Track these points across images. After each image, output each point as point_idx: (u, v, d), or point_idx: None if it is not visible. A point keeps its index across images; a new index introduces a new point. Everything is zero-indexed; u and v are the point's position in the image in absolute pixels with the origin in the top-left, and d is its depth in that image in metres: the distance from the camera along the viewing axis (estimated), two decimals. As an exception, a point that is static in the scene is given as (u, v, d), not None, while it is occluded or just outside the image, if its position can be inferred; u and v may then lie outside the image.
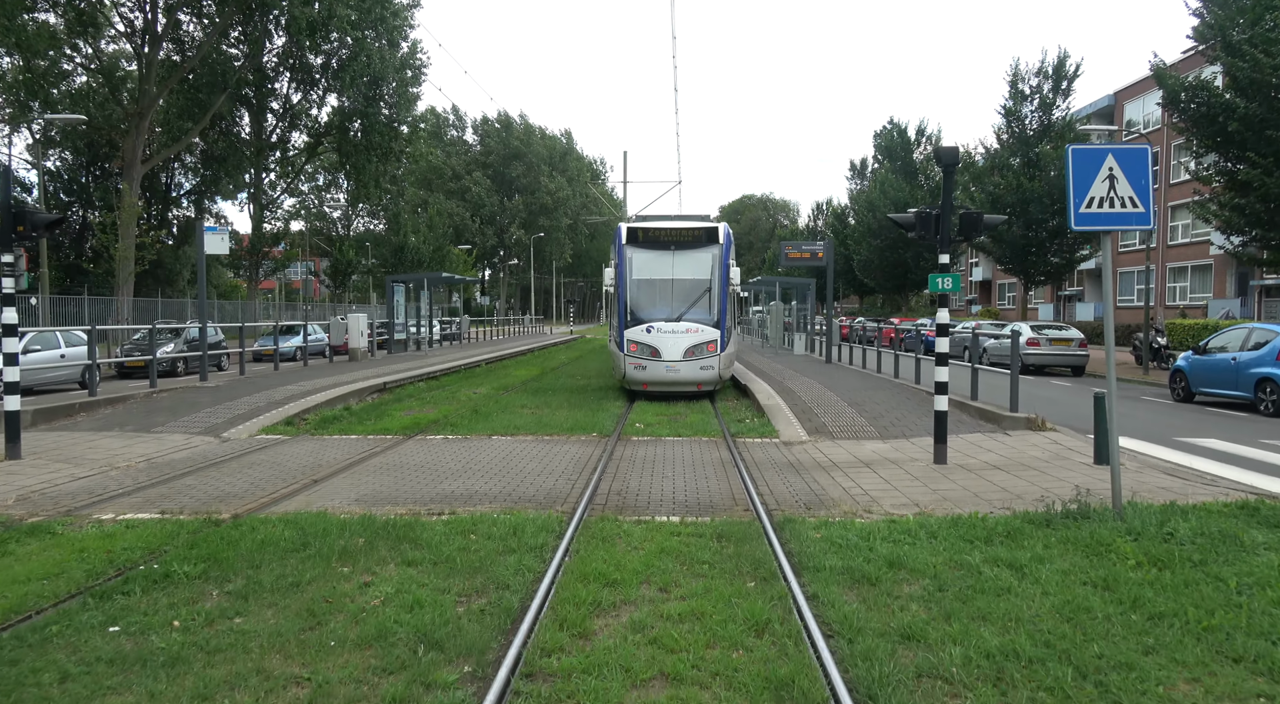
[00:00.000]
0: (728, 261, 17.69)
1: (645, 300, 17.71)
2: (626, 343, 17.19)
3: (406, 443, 11.71)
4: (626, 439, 12.12)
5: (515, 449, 11.14)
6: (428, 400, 17.06)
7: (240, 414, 13.59)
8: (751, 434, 12.49)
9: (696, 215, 19.09)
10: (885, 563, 5.76)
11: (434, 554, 6.12)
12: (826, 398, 15.57)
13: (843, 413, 13.85)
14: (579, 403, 16.67)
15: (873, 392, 16.46)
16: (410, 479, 9.09)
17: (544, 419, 14.06)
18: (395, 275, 30.13)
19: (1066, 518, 6.73)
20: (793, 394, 16.13)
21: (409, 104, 53.97)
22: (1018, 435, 11.58)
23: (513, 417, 14.35)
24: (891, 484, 8.77)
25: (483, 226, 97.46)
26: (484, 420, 13.86)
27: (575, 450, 11.10)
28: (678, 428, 13.18)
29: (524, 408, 15.79)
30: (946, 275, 9.67)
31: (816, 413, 13.87)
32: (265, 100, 49.35)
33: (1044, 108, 33.72)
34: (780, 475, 9.40)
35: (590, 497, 8.14)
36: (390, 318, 28.01)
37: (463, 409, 15.41)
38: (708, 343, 17.10)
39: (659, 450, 11.12)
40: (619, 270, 17.65)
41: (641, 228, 17.89)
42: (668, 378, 16.98)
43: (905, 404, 14.77)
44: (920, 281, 51.59)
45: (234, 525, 6.88)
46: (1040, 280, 35.30)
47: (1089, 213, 6.87)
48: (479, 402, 16.78)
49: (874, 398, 15.50)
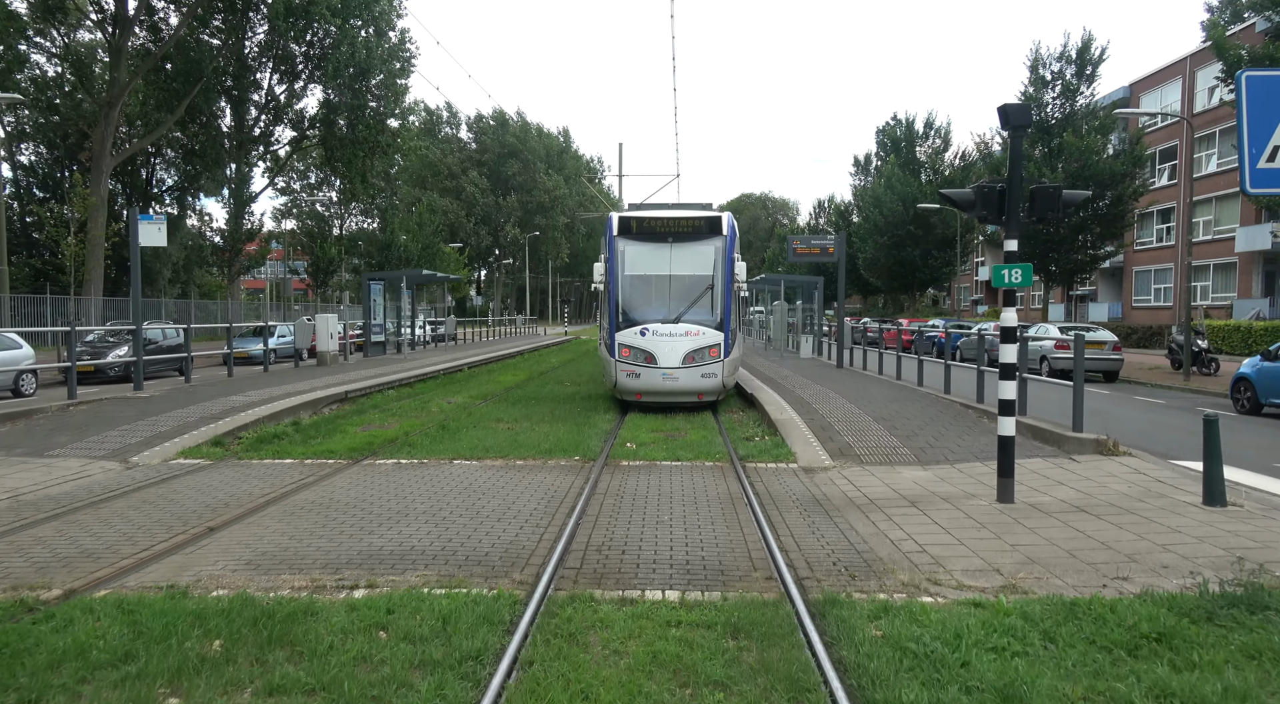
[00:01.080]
0: (732, 255, 15.70)
1: (639, 299, 15.72)
2: (618, 347, 15.20)
3: (348, 470, 9.71)
4: (615, 464, 10.13)
5: (478, 480, 9.14)
6: (392, 412, 15.05)
7: (163, 432, 11.57)
8: (763, 457, 10.50)
9: (697, 204, 17.09)
10: (998, 699, 3.77)
11: (315, 673, 4.12)
12: (846, 411, 13.58)
13: (868, 430, 11.85)
14: (564, 415, 14.67)
15: (899, 404, 14.47)
16: (332, 527, 7.09)
17: (520, 437, 12.07)
18: (373, 273, 28.02)
19: (1232, 606, 4.73)
20: (806, 406, 14.14)
21: (398, 96, 51.93)
22: (1087, 462, 9.59)
23: (485, 434, 12.35)
24: (953, 534, 6.78)
25: (478, 226, 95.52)
26: (450, 439, 11.86)
27: (551, 481, 9.10)
28: (676, 448, 11.19)
29: (500, 422, 13.79)
30: (1015, 267, 7.68)
31: (838, 430, 11.88)
32: (246, 92, 47.23)
33: (1067, 94, 31.67)
34: (806, 519, 7.41)
35: (560, 557, 6.15)
36: (367, 318, 25.98)
37: (429, 424, 13.41)
38: (710, 347, 15.11)
39: (653, 481, 9.12)
40: (609, 265, 15.66)
41: (635, 217, 15.89)
42: (664, 387, 14.99)
43: (939, 419, 12.77)
44: (928, 280, 49.70)
45: (46, 616, 4.87)
46: (1062, 279, 33.28)
47: (1271, 169, 4.85)
48: (451, 414, 14.77)
49: (902, 411, 13.51)
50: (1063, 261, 31.67)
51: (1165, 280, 45.35)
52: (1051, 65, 32.13)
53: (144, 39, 41.43)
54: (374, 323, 26.37)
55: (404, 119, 52.96)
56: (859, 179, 62.01)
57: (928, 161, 47.77)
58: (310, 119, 52.17)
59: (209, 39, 44.13)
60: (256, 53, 48.36)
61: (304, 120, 52.23)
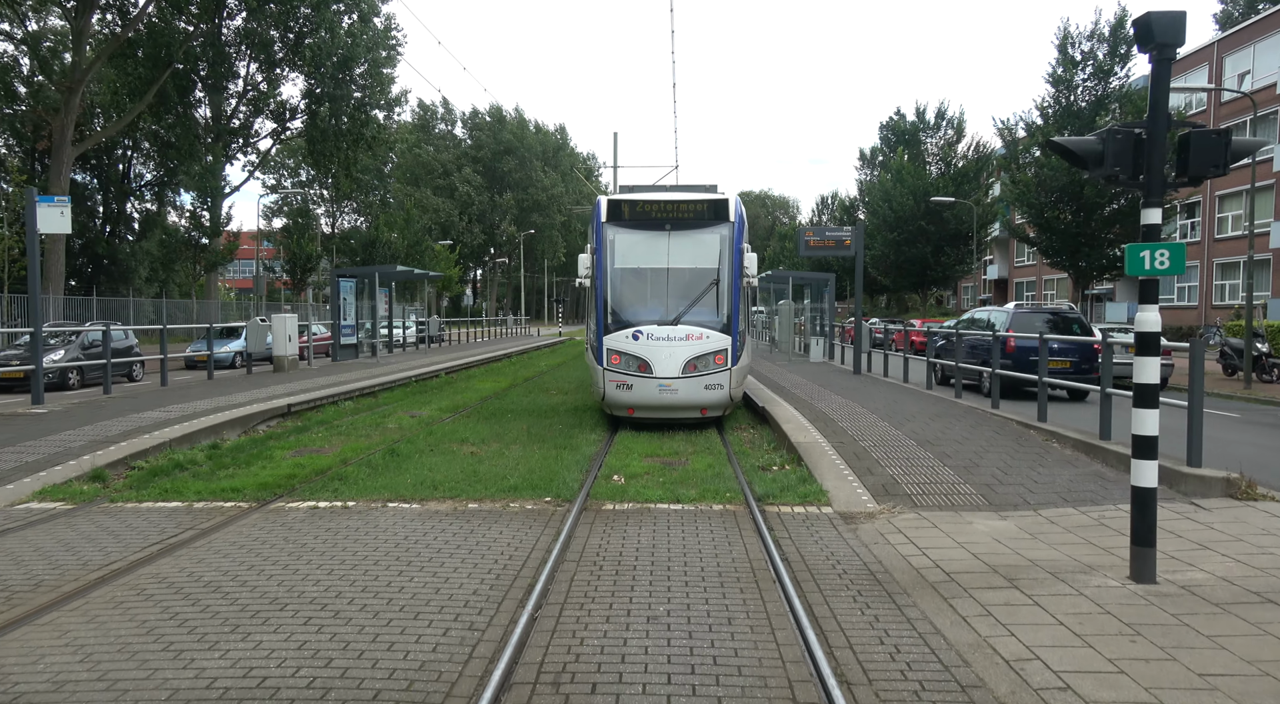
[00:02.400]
0: (741, 245, 13.39)
1: (632, 296, 13.42)
2: (606, 353, 12.88)
3: (244, 520, 7.39)
4: (596, 508, 7.83)
5: (410, 537, 6.82)
6: (339, 431, 12.72)
7: (31, 462, 9.24)
8: (787, 496, 8.20)
9: (700, 185, 14.77)
10: None
11: None
12: (880, 431, 11.28)
13: (914, 458, 9.54)
14: (543, 433, 12.37)
15: (942, 421, 12.17)
16: (164, 630, 4.77)
17: (483, 466, 9.76)
18: (342, 270, 25.68)
19: None
20: (830, 424, 11.83)
21: (383, 86, 49.59)
22: (1222, 510, 7.27)
23: (441, 461, 10.03)
24: (1090, 643, 4.49)
25: (472, 224, 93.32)
26: (395, 469, 9.54)
27: (509, 538, 6.79)
28: (675, 483, 8.89)
29: (464, 444, 11.48)
30: (1161, 246, 5.38)
31: (876, 457, 9.57)
32: (222, 81, 44.76)
33: (1099, 75, 29.28)
34: (864, 611, 5.11)
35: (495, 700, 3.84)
36: (336, 319, 23.61)
37: (377, 447, 11.08)
38: (715, 353, 12.79)
39: (644, 537, 6.82)
40: (597, 257, 13.35)
41: (627, 200, 13.56)
42: (661, 401, 12.67)
43: (998, 443, 10.46)
44: (939, 278, 47.36)
45: None
46: (1093, 276, 30.93)
47: None
48: (408, 433, 12.46)
49: (948, 432, 11.20)
50: (1095, 257, 29.31)
51: (1189, 278, 43.04)
52: (1081, 44, 29.77)
53: (111, 23, 39.05)
54: (344, 324, 24.02)
55: (390, 110, 50.51)
56: (864, 173, 59.68)
57: (939, 153, 45.35)
58: (291, 110, 49.85)
59: (183, 25, 41.68)
60: (234, 39, 45.98)
61: (285, 111, 49.91)
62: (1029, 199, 29.77)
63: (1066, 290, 57.95)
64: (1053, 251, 30.32)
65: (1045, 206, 29.16)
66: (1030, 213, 30.33)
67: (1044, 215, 29.27)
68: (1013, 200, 31.82)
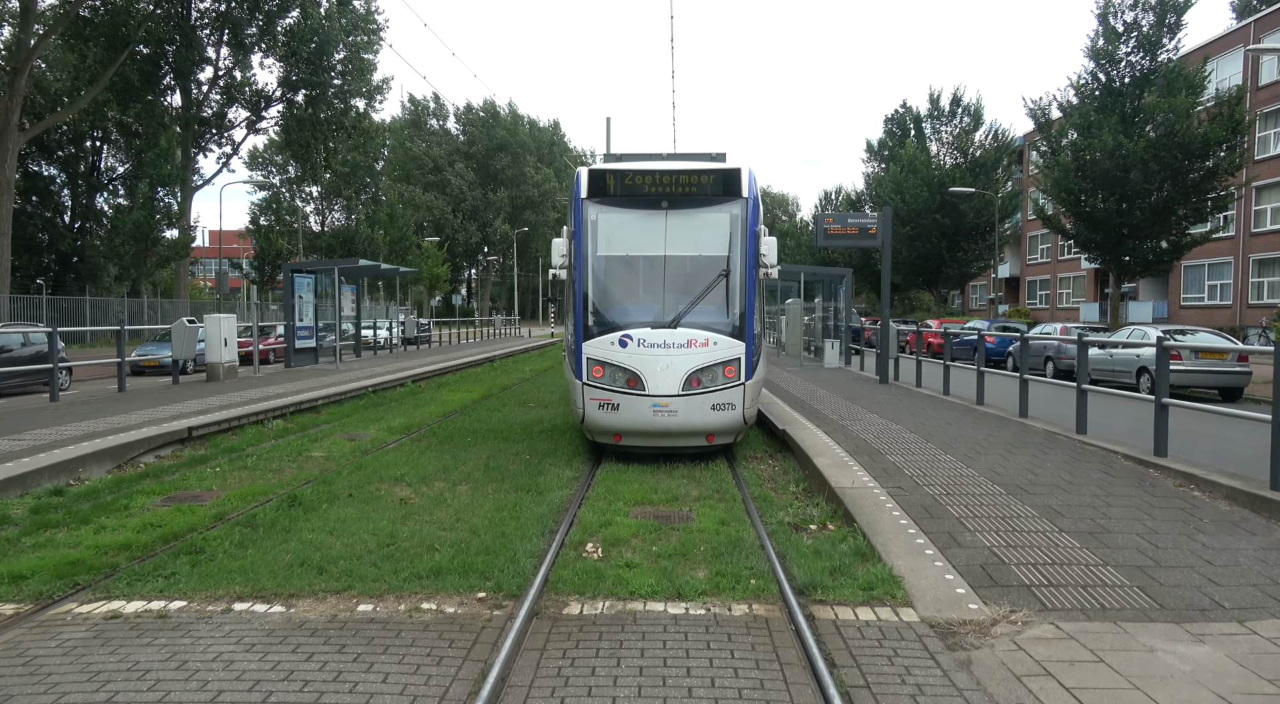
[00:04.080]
0: (755, 228, 10.63)
1: (620, 292, 10.69)
2: (586, 364, 10.13)
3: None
4: (556, 610, 5.12)
5: (229, 690, 4.07)
6: (244, 464, 9.94)
7: None
8: (844, 588, 5.46)
9: (704, 154, 12.01)
10: None
11: None
12: (945, 468, 8.55)
13: (1012, 515, 6.80)
14: (504, 465, 9.65)
15: (1020, 454, 9.44)
16: None
17: (408, 524, 7.03)
18: (297, 264, 22.90)
19: None
20: (876, 456, 9.10)
21: (363, 73, 46.77)
22: None
23: (351, 517, 7.29)
24: None
25: (465, 221, 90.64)
26: (282, 532, 6.79)
27: (393, 693, 4.04)
28: (675, 558, 6.16)
29: (399, 484, 8.74)
30: None
31: (955, 513, 6.82)
32: (186, 66, 41.81)
33: (1146, 48, 26.42)
34: None
35: None
36: (290, 320, 20.82)
37: (278, 490, 8.33)
38: (725, 364, 10.05)
39: (625, 684, 4.08)
40: (576, 242, 10.60)
41: (615, 171, 10.78)
42: (656, 426, 9.92)
43: (1115, 491, 7.70)
44: (955, 276, 44.55)
45: None
46: (1136, 272, 28.10)
47: None
48: (332, 467, 9.71)
49: (1038, 472, 8.46)
50: (1140, 251, 26.48)
51: (1222, 275, 40.26)
52: (1124, 14, 26.96)
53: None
54: (300, 325, 21.24)
55: (371, 98, 47.68)
56: (871, 166, 56.90)
57: (954, 142, 42.52)
58: (267, 98, 47.04)
59: (144, 5, 38.79)
60: (203, 21, 43.13)
61: (260, 99, 47.09)
62: (1066, 186, 26.97)
63: (1084, 289, 55.24)
64: (1093, 244, 27.52)
65: (1085, 194, 26.32)
66: (1067, 201, 27.47)
67: (1083, 204, 26.44)
68: (1046, 188, 28.98)
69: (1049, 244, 58.20)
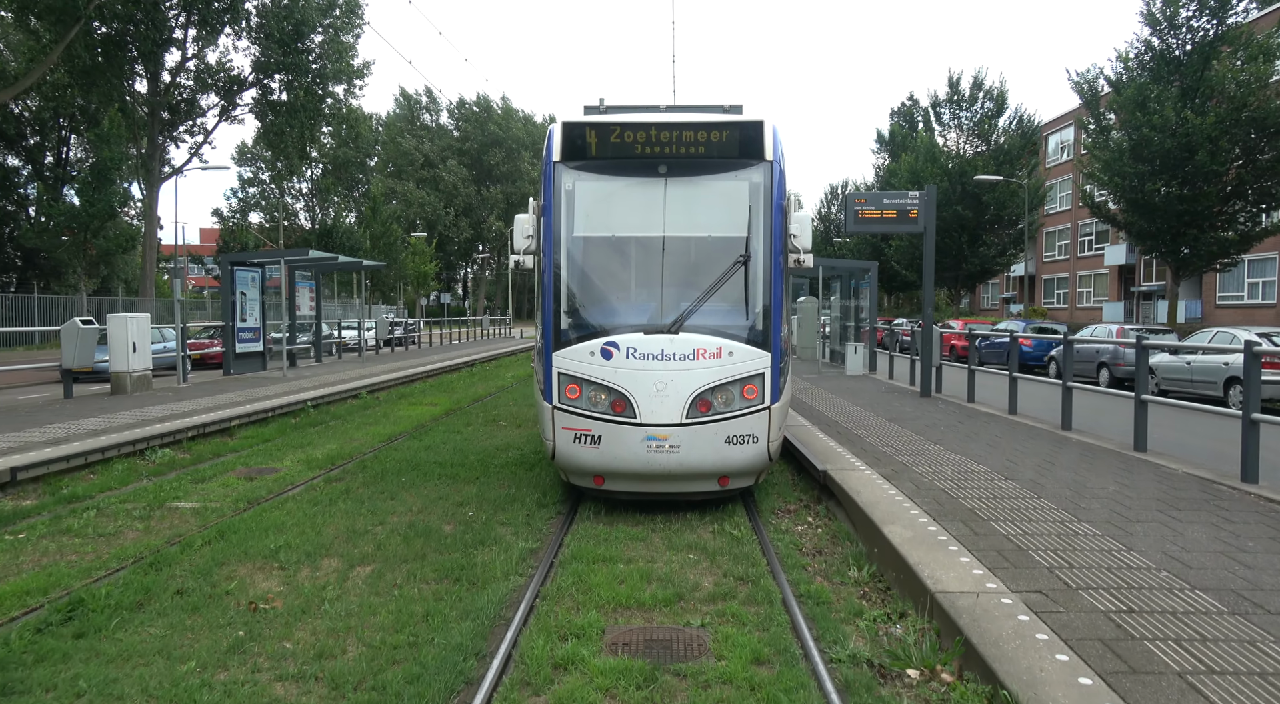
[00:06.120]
0: (781, 201, 7.75)
1: (602, 285, 7.87)
2: (559, 381, 7.28)
3: None
4: None
5: None
6: (65, 529, 7.03)
7: None
8: None
9: (715, 106, 9.16)
10: None
11: None
12: (1094, 548, 5.68)
13: (1255, 662, 3.94)
14: (437, 528, 6.80)
15: (1187, 514, 6.59)
16: None
17: (233, 669, 4.17)
18: (236, 255, 19.97)
19: None
20: (981, 525, 6.24)
21: (343, 56, 43.86)
22: None
23: (157, 643, 4.44)
24: None
25: (459, 218, 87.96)
26: (4, 690, 3.95)
27: None
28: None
29: (268, 567, 5.89)
30: None
31: (1161, 655, 3.96)
32: (150, 47, 38.82)
33: (1210, 11, 23.36)
34: None
35: None
36: (228, 320, 17.93)
37: (76, 580, 5.48)
38: (744, 382, 7.20)
39: None
40: (546, 219, 7.74)
41: (598, 125, 7.89)
42: (652, 467, 7.07)
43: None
44: (976, 272, 41.59)
45: None
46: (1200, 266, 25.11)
47: None
48: (183, 533, 6.85)
49: (1237, 551, 5.61)
50: (1203, 242, 23.47)
51: (1265, 272, 37.34)
52: (1188, -24, 23.96)
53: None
54: (243, 326, 18.35)
55: (350, 83, 44.78)
56: (881, 157, 54.00)
57: (975, 128, 39.61)
58: (240, 83, 44.13)
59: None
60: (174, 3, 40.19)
61: (233, 85, 44.17)
62: (1119, 168, 23.99)
63: (1106, 287, 52.31)
64: (1149, 234, 24.53)
65: (1142, 177, 23.28)
66: (1120, 186, 24.45)
67: (1139, 189, 23.42)
68: (1095, 171, 26.00)
69: (1067, 240, 55.30)
